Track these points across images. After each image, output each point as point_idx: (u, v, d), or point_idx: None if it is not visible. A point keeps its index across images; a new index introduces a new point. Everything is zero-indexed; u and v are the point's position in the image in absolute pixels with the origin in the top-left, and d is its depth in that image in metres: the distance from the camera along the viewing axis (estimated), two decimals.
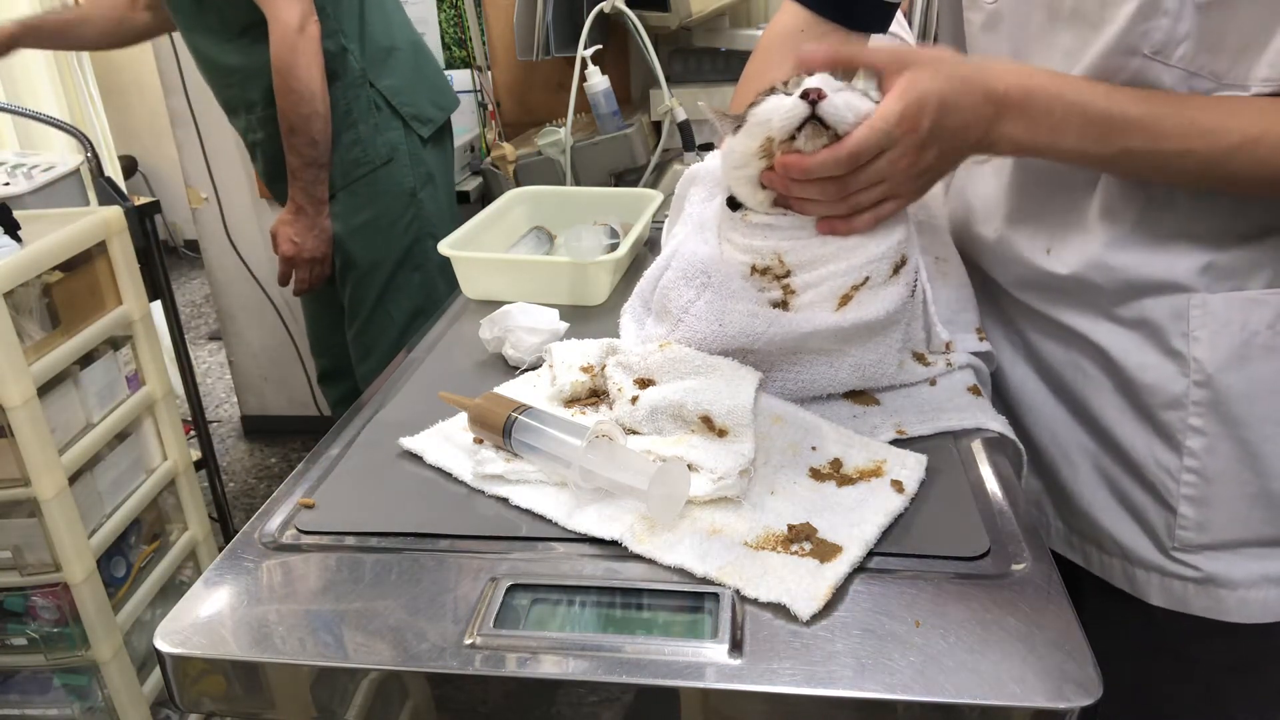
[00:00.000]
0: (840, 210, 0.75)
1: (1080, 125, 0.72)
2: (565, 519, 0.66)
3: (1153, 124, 0.70)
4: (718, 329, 0.77)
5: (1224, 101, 0.71)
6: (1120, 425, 0.82)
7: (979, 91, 0.71)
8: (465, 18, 1.91)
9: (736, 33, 1.74)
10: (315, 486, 0.72)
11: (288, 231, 1.71)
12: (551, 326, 0.92)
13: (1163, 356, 0.78)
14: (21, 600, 1.68)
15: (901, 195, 0.75)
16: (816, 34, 0.93)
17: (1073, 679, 0.51)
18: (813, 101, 0.69)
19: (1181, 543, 0.80)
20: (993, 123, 0.72)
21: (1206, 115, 0.70)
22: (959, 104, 0.70)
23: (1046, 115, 0.72)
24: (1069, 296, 0.83)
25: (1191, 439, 0.78)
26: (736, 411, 0.71)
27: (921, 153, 0.71)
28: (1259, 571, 0.79)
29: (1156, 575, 0.82)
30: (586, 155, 1.59)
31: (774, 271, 0.78)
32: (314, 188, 1.65)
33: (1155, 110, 0.71)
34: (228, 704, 0.59)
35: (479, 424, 0.74)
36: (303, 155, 1.61)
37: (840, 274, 0.75)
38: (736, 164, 0.76)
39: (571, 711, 0.55)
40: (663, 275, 0.83)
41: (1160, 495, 0.80)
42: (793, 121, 0.70)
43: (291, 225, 1.70)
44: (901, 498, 0.66)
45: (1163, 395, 0.79)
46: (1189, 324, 0.77)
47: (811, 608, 0.56)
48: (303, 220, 1.69)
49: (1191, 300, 0.77)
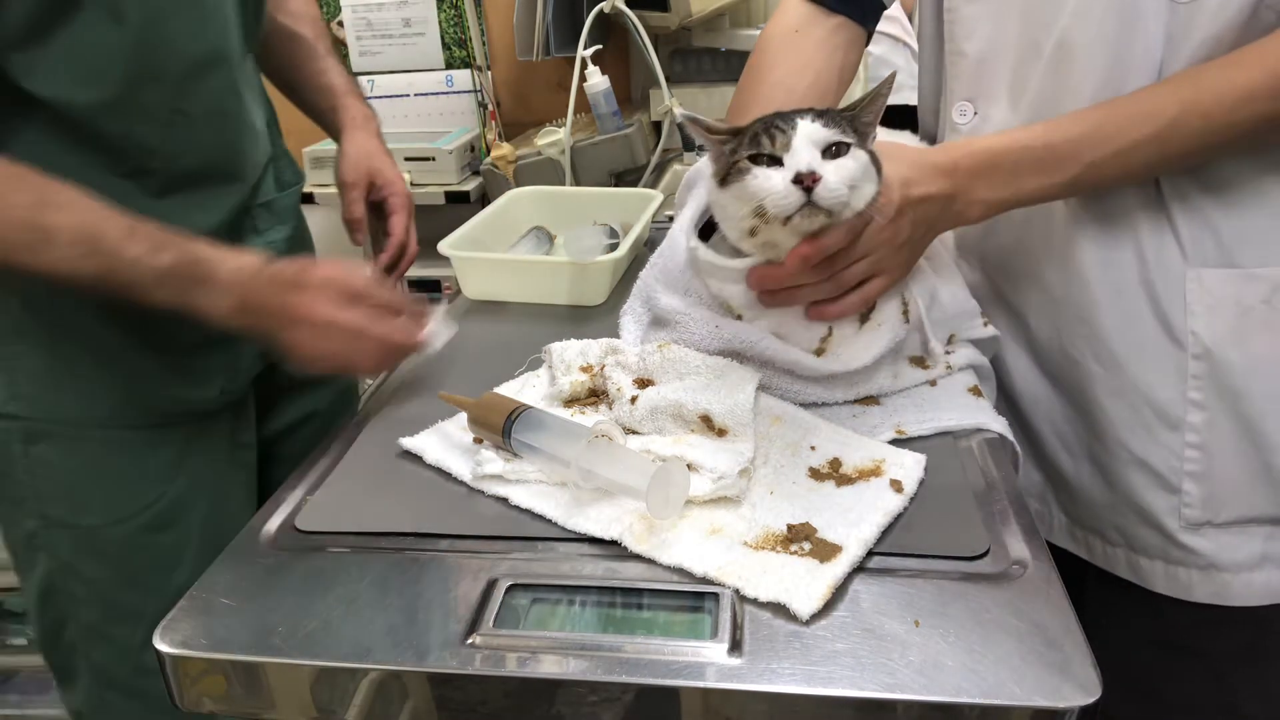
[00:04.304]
0: (828, 291, 0.76)
1: (1033, 164, 0.76)
2: (565, 519, 0.66)
3: (1095, 131, 0.75)
4: (714, 331, 0.78)
5: (1156, 86, 0.75)
6: (1118, 408, 0.82)
7: (929, 168, 0.76)
8: (465, 18, 1.90)
9: (736, 33, 1.74)
10: (315, 486, 0.73)
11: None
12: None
13: (1162, 332, 0.79)
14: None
15: (887, 271, 0.77)
16: (813, 31, 0.93)
17: (1073, 679, 0.51)
18: (807, 189, 0.68)
19: (1186, 521, 0.80)
20: (953, 195, 0.77)
21: (1140, 102, 0.74)
22: (918, 178, 0.75)
23: (1000, 168, 0.77)
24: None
25: (1192, 413, 0.79)
26: (736, 411, 0.72)
27: (897, 226, 0.74)
28: (1261, 552, 0.80)
29: (1160, 562, 0.83)
30: (586, 155, 1.59)
31: (731, 312, 0.79)
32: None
33: (1094, 118, 0.76)
34: (228, 704, 0.59)
35: (479, 424, 0.74)
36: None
37: (799, 327, 0.78)
38: (727, 217, 0.76)
39: (571, 711, 0.55)
40: (653, 275, 0.85)
41: (1162, 476, 0.81)
42: (788, 209, 0.69)
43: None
44: (901, 497, 0.66)
45: (1162, 372, 0.79)
46: (1186, 298, 0.78)
47: (811, 607, 0.56)
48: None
49: (1188, 274, 0.78)
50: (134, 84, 0.84)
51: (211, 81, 0.91)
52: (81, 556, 0.95)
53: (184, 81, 0.88)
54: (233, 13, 0.93)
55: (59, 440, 0.93)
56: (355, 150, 1.14)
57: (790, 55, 0.93)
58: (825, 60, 0.93)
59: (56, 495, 0.94)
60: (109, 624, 0.97)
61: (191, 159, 0.92)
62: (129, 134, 0.86)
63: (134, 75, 0.83)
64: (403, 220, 1.14)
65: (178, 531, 0.98)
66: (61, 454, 0.93)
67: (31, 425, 0.92)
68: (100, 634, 0.98)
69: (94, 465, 0.94)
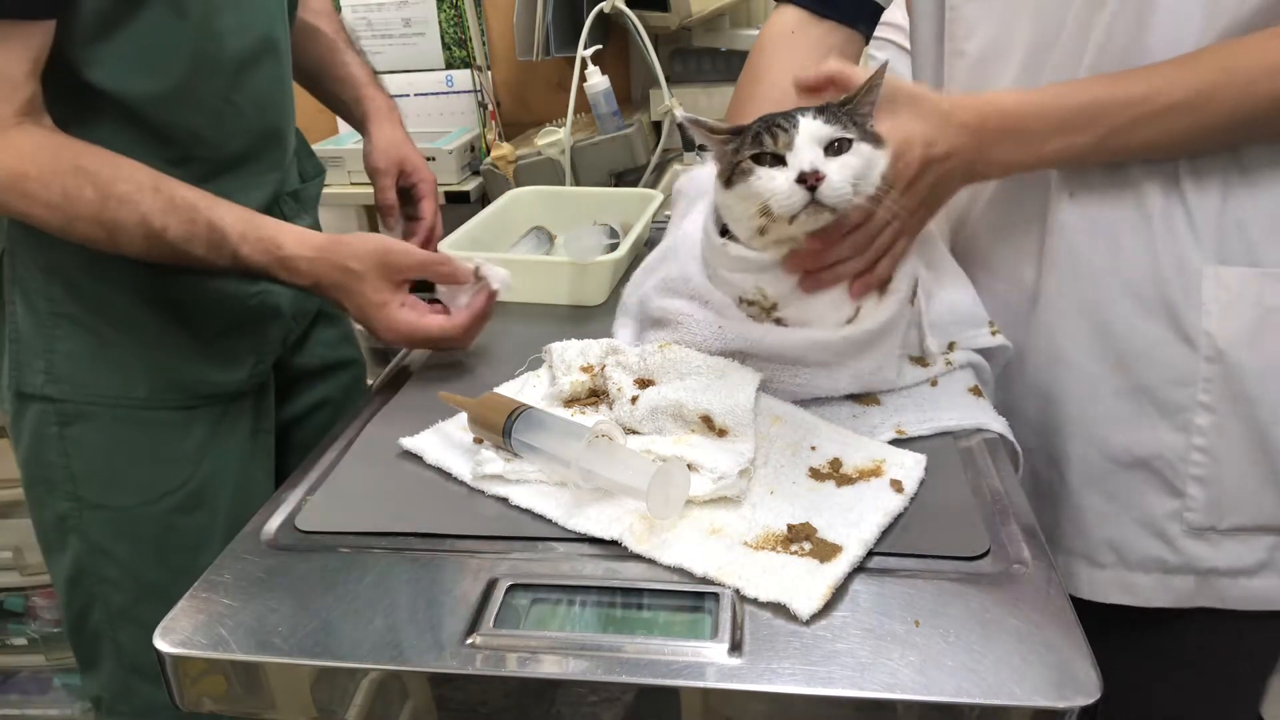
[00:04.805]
0: (867, 261, 0.76)
1: (1059, 124, 0.74)
2: (565, 519, 0.66)
3: (1127, 93, 0.72)
4: (717, 332, 0.78)
5: (1193, 54, 0.72)
6: (1120, 409, 0.80)
7: (954, 125, 0.75)
8: (465, 18, 1.90)
9: (736, 33, 1.74)
10: (315, 486, 0.73)
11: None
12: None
13: (1171, 330, 0.77)
14: (21, 600, 1.68)
15: (909, 230, 0.77)
16: (809, 32, 0.93)
17: (1073, 679, 0.51)
18: (811, 188, 0.68)
19: (1189, 525, 0.78)
20: (976, 152, 0.75)
21: (1176, 66, 0.72)
22: (941, 138, 0.74)
23: (1025, 129, 0.75)
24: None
25: (1200, 416, 0.77)
26: (736, 411, 0.72)
27: (917, 186, 0.74)
28: (1264, 559, 0.78)
29: (1158, 574, 0.81)
30: (586, 155, 1.59)
31: (760, 304, 0.79)
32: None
33: (1127, 81, 0.73)
34: (228, 704, 0.59)
35: (479, 424, 0.74)
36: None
37: (828, 309, 0.77)
38: (735, 218, 0.76)
39: (571, 711, 0.55)
40: (649, 288, 0.85)
41: (1165, 479, 0.79)
42: (793, 209, 0.69)
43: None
44: (901, 497, 0.66)
45: (1170, 371, 0.77)
46: (1202, 296, 0.75)
47: (811, 607, 0.56)
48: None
49: (1204, 272, 0.75)
50: (191, 75, 0.87)
51: (261, 71, 0.94)
52: (114, 537, 0.97)
53: (237, 72, 0.91)
54: (280, 4, 0.97)
55: (95, 421, 0.95)
56: (384, 139, 1.18)
57: (787, 55, 0.93)
58: (822, 59, 0.93)
59: (91, 476, 0.96)
60: (139, 604, 0.99)
61: (236, 145, 0.95)
62: (180, 123, 0.89)
63: (192, 67, 0.87)
64: (431, 205, 1.21)
65: (206, 513, 1.00)
66: (98, 434, 0.96)
67: (68, 407, 0.95)
68: (129, 616, 1.00)
69: (129, 446, 0.97)
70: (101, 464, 0.96)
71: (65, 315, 0.93)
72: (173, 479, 0.98)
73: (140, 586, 0.99)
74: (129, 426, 0.96)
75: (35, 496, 0.99)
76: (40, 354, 0.94)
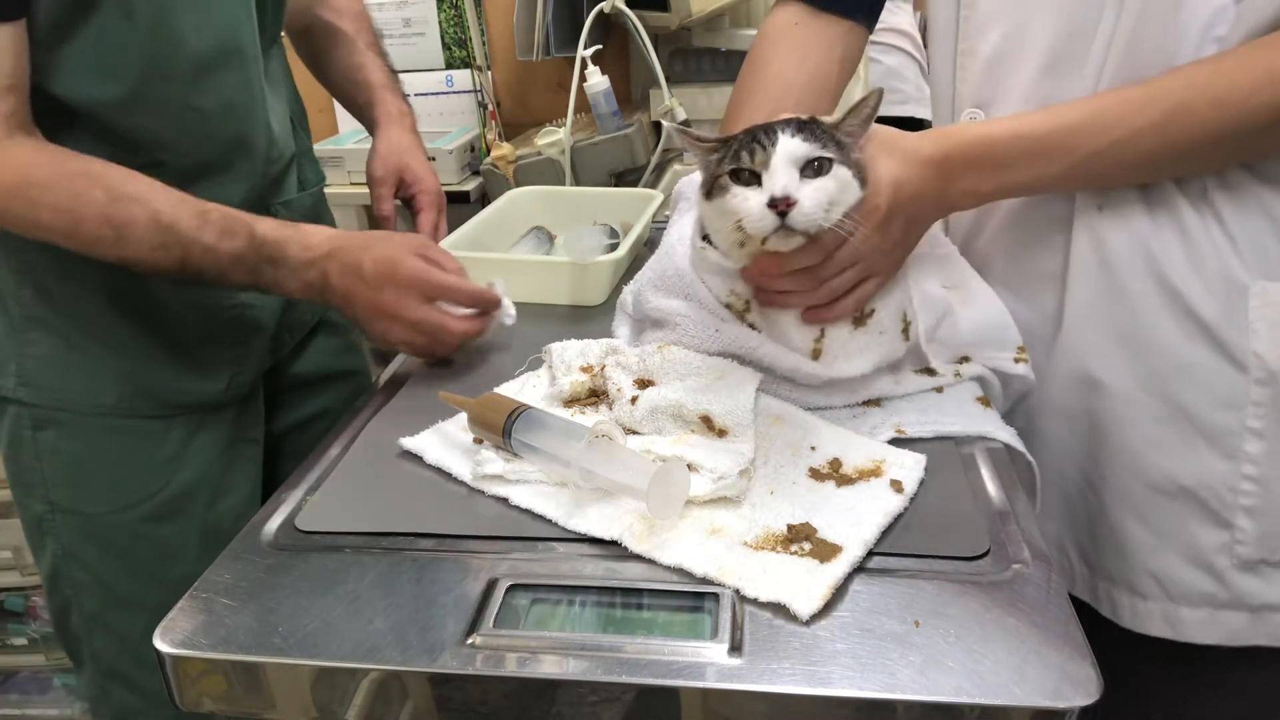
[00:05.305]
0: (821, 298, 0.75)
1: (1026, 154, 0.73)
2: (565, 519, 0.66)
3: (1095, 118, 0.71)
4: (714, 334, 0.78)
5: (1167, 73, 0.70)
6: (1163, 436, 0.76)
7: (918, 163, 0.73)
8: (465, 18, 1.90)
9: (736, 33, 1.74)
10: (315, 486, 0.73)
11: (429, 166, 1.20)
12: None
13: (1215, 352, 0.73)
14: (21, 600, 1.68)
15: (879, 272, 0.76)
16: (810, 25, 0.92)
17: (1073, 679, 0.51)
18: (781, 213, 0.68)
19: (1239, 559, 0.74)
20: (944, 186, 0.74)
21: (1145, 89, 0.70)
22: (909, 177, 0.73)
23: (992, 160, 0.74)
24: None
25: (1250, 443, 0.72)
26: (736, 411, 0.72)
27: (887, 230, 0.73)
28: None
29: (1207, 609, 0.76)
30: (586, 155, 1.59)
31: (734, 307, 0.79)
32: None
33: (1095, 105, 0.72)
34: (228, 704, 0.59)
35: (479, 424, 0.74)
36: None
37: (792, 326, 0.77)
38: (714, 230, 0.76)
39: (571, 711, 0.55)
40: (644, 282, 0.85)
41: (1213, 510, 0.74)
42: (764, 231, 0.69)
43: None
44: (901, 497, 0.66)
45: (1216, 395, 0.73)
46: (1248, 315, 0.71)
47: (811, 607, 0.56)
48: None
49: (1251, 289, 0.71)
50: (146, 80, 0.85)
51: (224, 76, 0.92)
52: (84, 543, 0.97)
53: (195, 77, 0.89)
54: (246, 8, 0.94)
55: (66, 426, 0.94)
56: (386, 146, 1.15)
57: (788, 48, 0.92)
58: (825, 52, 0.91)
59: (62, 481, 0.95)
60: (109, 612, 0.98)
61: (205, 151, 0.94)
62: (143, 128, 0.88)
63: (146, 71, 0.85)
64: (430, 217, 1.16)
65: (179, 524, 0.99)
66: (69, 440, 0.95)
67: (39, 411, 0.94)
68: (101, 622, 0.99)
69: (99, 453, 0.96)
70: (73, 470, 0.95)
71: (35, 319, 0.92)
72: (145, 488, 0.97)
73: (109, 594, 0.98)
74: (100, 433, 0.95)
75: (16, 497, 0.99)
76: (12, 357, 0.93)
